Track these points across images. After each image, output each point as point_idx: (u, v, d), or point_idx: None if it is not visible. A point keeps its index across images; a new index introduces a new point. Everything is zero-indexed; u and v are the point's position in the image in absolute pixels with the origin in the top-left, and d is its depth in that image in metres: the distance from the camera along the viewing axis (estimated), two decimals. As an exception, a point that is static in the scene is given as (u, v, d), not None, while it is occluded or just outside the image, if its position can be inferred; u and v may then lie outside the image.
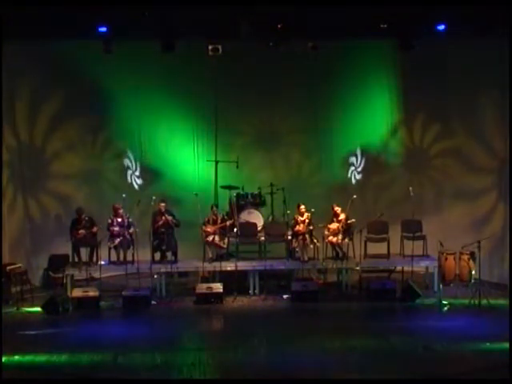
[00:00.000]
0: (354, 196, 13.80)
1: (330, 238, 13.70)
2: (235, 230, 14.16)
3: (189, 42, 14.04)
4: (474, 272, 13.58)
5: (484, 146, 14.78)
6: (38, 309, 12.66)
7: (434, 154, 15.60)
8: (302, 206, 13.89)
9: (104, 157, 15.52)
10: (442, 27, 13.61)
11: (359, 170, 15.88)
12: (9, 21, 12.29)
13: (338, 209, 13.78)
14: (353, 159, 15.85)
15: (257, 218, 14.73)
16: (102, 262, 13.72)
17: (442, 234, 14.17)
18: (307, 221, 13.78)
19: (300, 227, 13.76)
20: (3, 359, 9.70)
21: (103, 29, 13.39)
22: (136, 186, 15.68)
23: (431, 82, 14.96)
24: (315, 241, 13.84)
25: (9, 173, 14.35)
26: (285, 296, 13.40)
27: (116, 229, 13.84)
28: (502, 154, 14.28)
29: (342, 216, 13.68)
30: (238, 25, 13.38)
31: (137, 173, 15.67)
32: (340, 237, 13.67)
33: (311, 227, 13.71)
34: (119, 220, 13.86)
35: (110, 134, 15.48)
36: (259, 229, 14.53)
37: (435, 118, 15.42)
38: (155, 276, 13.71)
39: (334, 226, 13.70)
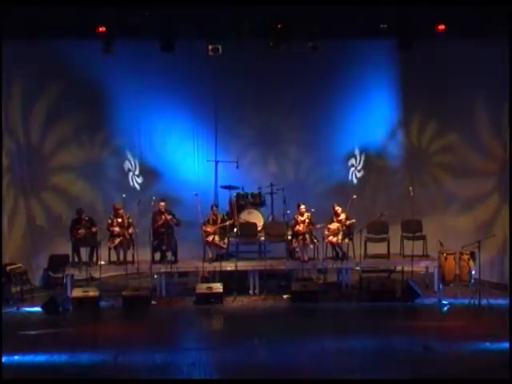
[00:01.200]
0: (354, 196, 13.80)
1: (330, 238, 13.69)
2: (235, 230, 14.15)
3: (189, 42, 14.04)
4: (473, 272, 13.57)
5: (484, 145, 14.76)
6: (38, 309, 12.65)
7: (434, 154, 15.58)
8: (302, 206, 13.88)
9: (104, 157, 15.48)
10: (442, 27, 13.61)
11: (359, 169, 15.88)
12: (9, 20, 12.29)
13: (338, 208, 13.77)
14: (353, 159, 15.85)
15: (257, 218, 14.72)
16: (102, 262, 13.72)
17: (442, 234, 14.17)
18: (307, 221, 13.78)
19: (300, 227, 13.76)
20: (3, 359, 9.68)
21: (103, 29, 13.38)
22: (136, 186, 15.66)
23: (431, 81, 14.96)
24: (315, 241, 13.84)
25: (8, 172, 14.30)
26: (285, 296, 13.39)
27: (116, 229, 13.83)
28: (502, 154, 14.24)
29: (343, 216, 13.69)
30: (238, 25, 13.40)
31: (137, 173, 15.67)
32: (340, 237, 13.67)
33: (314, 226, 13.71)
34: (119, 220, 13.84)
35: (109, 134, 15.45)
36: (259, 229, 14.52)
37: (435, 118, 15.40)
38: (155, 276, 13.71)
39: (334, 226, 13.70)
